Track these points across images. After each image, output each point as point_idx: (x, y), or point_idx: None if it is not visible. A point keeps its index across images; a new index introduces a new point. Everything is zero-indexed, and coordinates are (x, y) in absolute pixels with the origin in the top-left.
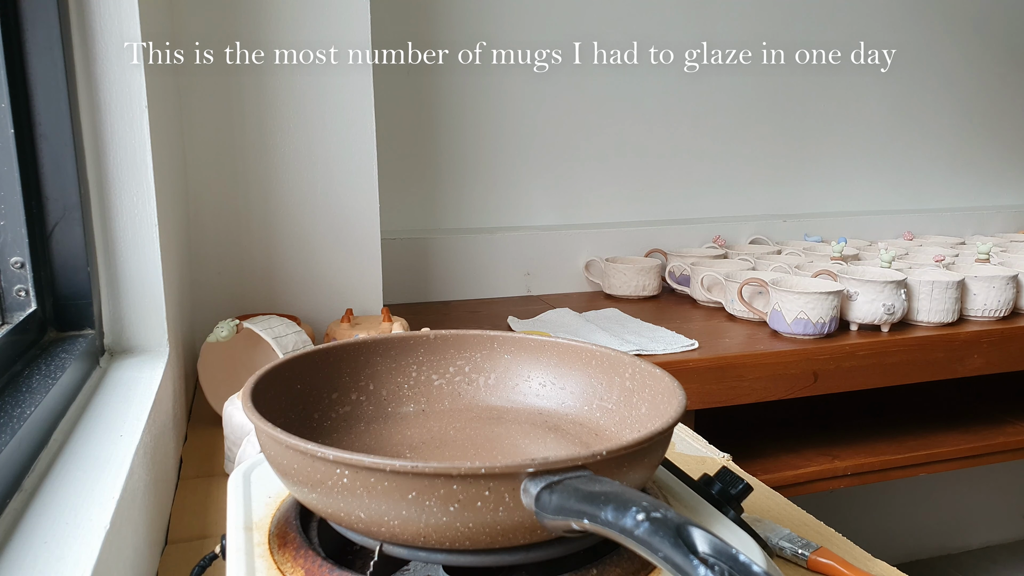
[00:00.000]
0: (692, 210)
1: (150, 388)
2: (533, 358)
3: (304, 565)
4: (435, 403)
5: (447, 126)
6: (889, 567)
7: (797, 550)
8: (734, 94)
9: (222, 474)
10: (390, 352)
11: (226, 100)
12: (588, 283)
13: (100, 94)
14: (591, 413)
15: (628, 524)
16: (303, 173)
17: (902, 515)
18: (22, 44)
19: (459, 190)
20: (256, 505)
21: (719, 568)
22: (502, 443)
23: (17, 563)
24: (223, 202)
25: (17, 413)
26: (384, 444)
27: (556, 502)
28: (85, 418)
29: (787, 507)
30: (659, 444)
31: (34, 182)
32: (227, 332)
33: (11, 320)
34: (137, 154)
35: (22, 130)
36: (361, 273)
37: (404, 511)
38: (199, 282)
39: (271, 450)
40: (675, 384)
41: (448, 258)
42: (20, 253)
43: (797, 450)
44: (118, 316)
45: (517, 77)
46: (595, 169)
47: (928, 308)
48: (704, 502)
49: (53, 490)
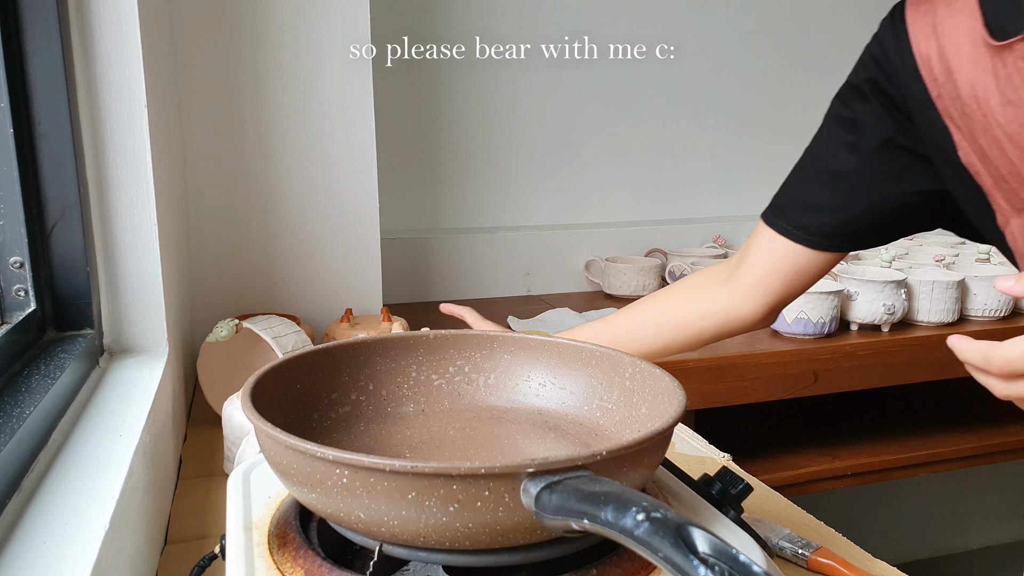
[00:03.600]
0: (692, 210)
1: (149, 388)
2: (533, 358)
3: (304, 565)
4: (435, 403)
5: (447, 125)
6: (889, 567)
7: (797, 550)
8: (734, 93)
9: (222, 474)
10: (390, 352)
11: (225, 99)
12: (588, 283)
13: (99, 94)
14: (591, 413)
15: (628, 524)
16: (303, 172)
17: (902, 515)
18: (22, 44)
19: (459, 190)
20: (256, 505)
21: (719, 568)
22: (502, 443)
23: (17, 563)
24: (222, 201)
25: (16, 413)
26: (384, 444)
27: (556, 502)
28: (84, 418)
29: (787, 507)
30: (659, 444)
31: (33, 182)
32: (226, 332)
33: (10, 320)
34: (136, 154)
35: (21, 130)
36: (361, 273)
37: (404, 511)
38: (198, 282)
39: (270, 450)
40: (675, 384)
41: (448, 258)
42: (19, 253)
43: (797, 450)
44: (117, 316)
45: (517, 77)
46: (595, 169)
47: (928, 308)
48: (704, 502)
49: (53, 490)
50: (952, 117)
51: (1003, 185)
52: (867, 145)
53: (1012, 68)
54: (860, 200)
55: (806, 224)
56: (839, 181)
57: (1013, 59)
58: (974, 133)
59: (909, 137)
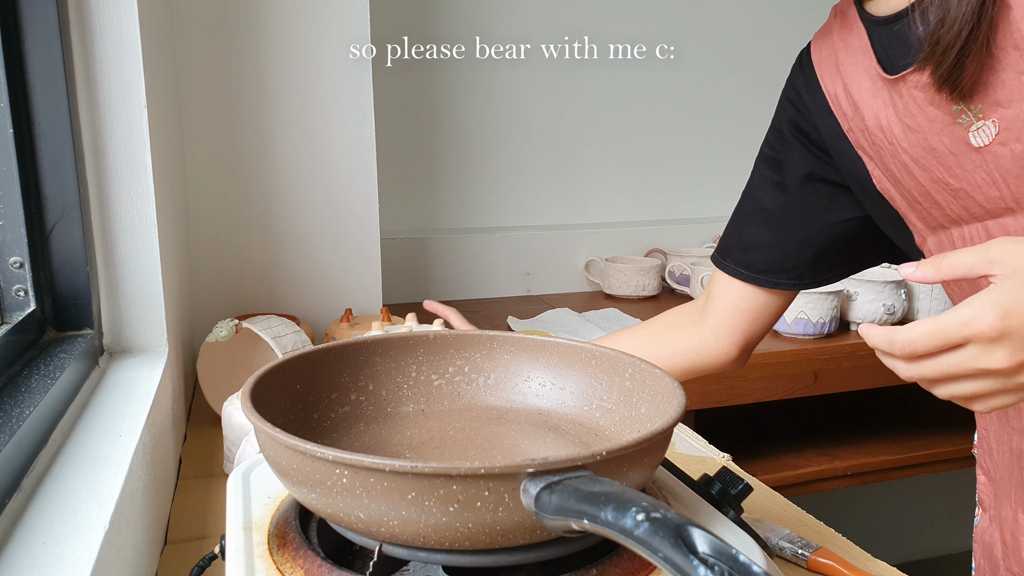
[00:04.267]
0: (692, 210)
1: (149, 388)
2: (533, 358)
3: (304, 565)
4: (435, 403)
5: (447, 125)
6: (889, 567)
7: (797, 550)
8: (734, 93)
9: (221, 474)
10: (389, 352)
11: (225, 99)
12: (588, 283)
13: (99, 94)
14: (591, 413)
15: (628, 524)
16: (302, 172)
17: (902, 515)
18: (21, 44)
19: (459, 190)
20: (255, 505)
21: (719, 568)
22: (502, 443)
23: (16, 563)
24: (222, 201)
25: (16, 413)
26: (384, 444)
27: (556, 502)
28: (84, 418)
29: (787, 507)
30: (659, 444)
31: (33, 182)
32: (226, 332)
33: (10, 320)
34: (136, 154)
35: (21, 130)
36: (360, 273)
37: (404, 511)
38: (198, 282)
39: (270, 450)
40: (675, 384)
41: (448, 258)
42: (19, 253)
43: (797, 450)
44: (117, 316)
45: (517, 77)
46: (595, 169)
47: (928, 308)
48: (704, 502)
49: (52, 490)
50: (863, 148)
51: (916, 207)
52: (791, 182)
53: (908, 98)
54: (794, 233)
55: (750, 263)
56: (771, 218)
57: (908, 89)
58: (884, 160)
59: (828, 170)
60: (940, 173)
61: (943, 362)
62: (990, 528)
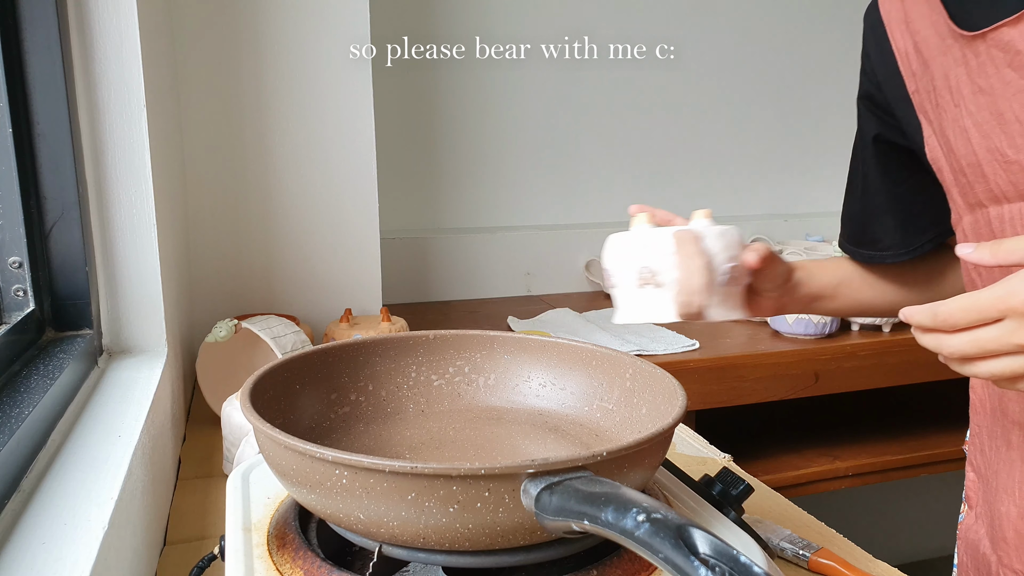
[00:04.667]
0: (692, 210)
1: (148, 388)
2: (533, 358)
3: (303, 566)
4: (435, 404)
5: (447, 125)
6: (890, 568)
7: (798, 551)
8: (734, 93)
9: (221, 475)
10: (389, 353)
11: (225, 99)
12: (588, 283)
13: (99, 94)
14: (591, 414)
15: (629, 525)
16: (302, 172)
17: (903, 516)
18: (20, 43)
19: (459, 190)
20: (255, 506)
21: (720, 569)
22: (502, 444)
23: (16, 563)
24: (222, 202)
25: (15, 413)
26: (383, 445)
27: (556, 503)
28: (83, 418)
29: (788, 508)
30: (660, 445)
31: (32, 182)
32: (226, 332)
33: (9, 320)
34: (136, 153)
35: (20, 129)
36: (360, 273)
37: (403, 512)
38: (197, 282)
39: (270, 451)
40: (676, 384)
41: (448, 258)
42: (18, 253)
43: (798, 451)
44: (116, 316)
45: (517, 77)
46: (595, 169)
47: None
48: (705, 503)
49: (51, 490)
50: (926, 111)
51: (961, 179)
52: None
53: (985, 57)
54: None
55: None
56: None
57: (986, 47)
58: (943, 125)
59: (894, 132)
60: (999, 142)
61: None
62: (975, 525)
